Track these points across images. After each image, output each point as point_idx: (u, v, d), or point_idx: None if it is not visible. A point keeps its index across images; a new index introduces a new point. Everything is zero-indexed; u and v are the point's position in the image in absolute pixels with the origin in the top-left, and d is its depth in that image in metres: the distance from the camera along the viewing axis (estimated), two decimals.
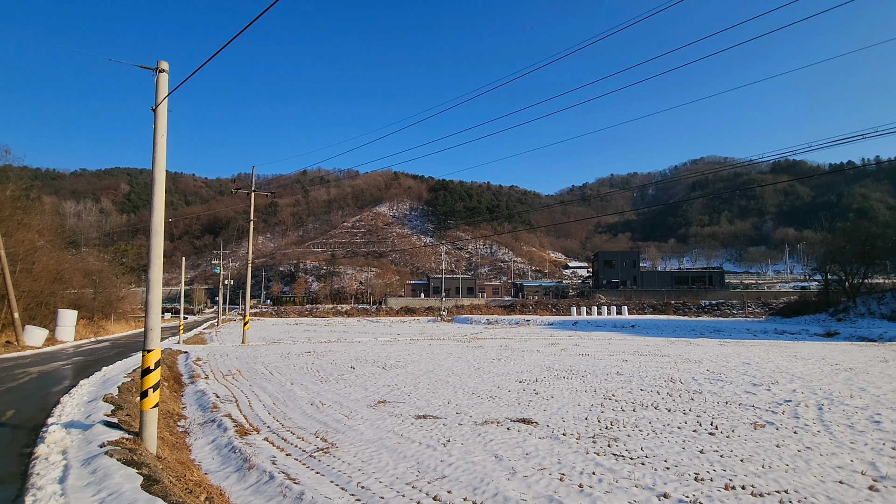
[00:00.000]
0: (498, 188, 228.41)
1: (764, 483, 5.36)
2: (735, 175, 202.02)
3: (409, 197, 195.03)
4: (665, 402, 9.74)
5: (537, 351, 20.45)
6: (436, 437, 7.27)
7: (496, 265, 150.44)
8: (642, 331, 34.90)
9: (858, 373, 13.88)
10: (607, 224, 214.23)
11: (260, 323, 52.67)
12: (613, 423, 8.10)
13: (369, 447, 6.85)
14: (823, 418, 8.41)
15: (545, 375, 13.40)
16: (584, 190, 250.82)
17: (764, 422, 8.16)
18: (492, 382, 12.24)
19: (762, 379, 12.71)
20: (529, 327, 40.66)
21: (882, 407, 9.32)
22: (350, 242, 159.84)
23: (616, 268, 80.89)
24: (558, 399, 10.11)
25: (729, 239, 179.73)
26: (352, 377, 13.26)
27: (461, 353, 19.27)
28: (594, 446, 6.77)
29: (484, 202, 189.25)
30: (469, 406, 9.47)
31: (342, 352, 20.24)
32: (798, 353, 19.55)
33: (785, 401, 9.90)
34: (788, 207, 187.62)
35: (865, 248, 50.11)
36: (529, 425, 7.95)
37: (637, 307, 61.17)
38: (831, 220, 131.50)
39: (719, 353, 19.30)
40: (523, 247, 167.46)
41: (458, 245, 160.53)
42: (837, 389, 11.17)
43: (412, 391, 11.10)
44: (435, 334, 32.09)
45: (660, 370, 14.46)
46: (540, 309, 60.46)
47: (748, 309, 59.90)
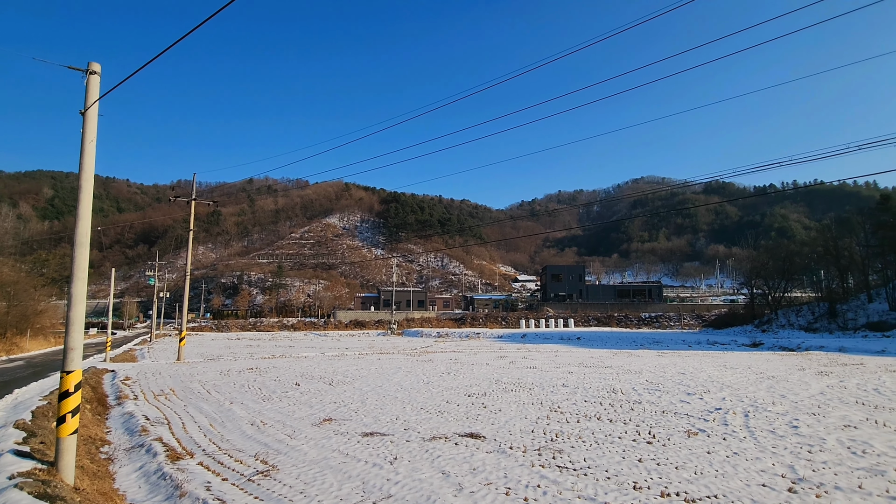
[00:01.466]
0: (450, 202, 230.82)
1: (696, 489, 5.63)
2: (672, 195, 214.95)
3: (361, 208, 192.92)
4: (607, 413, 10.07)
5: (486, 364, 20.62)
6: (382, 455, 7.12)
7: (447, 278, 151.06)
8: (587, 343, 36.05)
9: (779, 381, 14.97)
10: (555, 239, 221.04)
11: (198, 338, 49.90)
12: (558, 434, 8.26)
13: (313, 468, 6.60)
14: (749, 425, 8.98)
15: (493, 389, 13.51)
16: (534, 205, 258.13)
17: (697, 429, 8.60)
18: (441, 397, 12.18)
19: (696, 388, 13.43)
20: (479, 340, 40.97)
21: (800, 413, 10.08)
22: (298, 254, 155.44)
23: (563, 281, 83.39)
24: (506, 412, 10.21)
25: (667, 254, 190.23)
26: (296, 394, 12.79)
27: (410, 368, 19.09)
28: (540, 459, 6.87)
29: (436, 215, 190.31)
30: (417, 422, 9.37)
31: (287, 368, 19.50)
32: (727, 362, 20.84)
33: (716, 409, 10.49)
34: (719, 226, 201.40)
35: (785, 265, 54.57)
36: (477, 440, 7.96)
37: (583, 320, 63.21)
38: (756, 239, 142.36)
39: (658, 364, 20.23)
40: (474, 260, 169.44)
41: (410, 258, 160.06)
42: (761, 397, 11.98)
43: (359, 408, 10.85)
44: (385, 348, 31.65)
45: (603, 381, 14.95)
46: (490, 322, 61.16)
47: (684, 321, 63.39)
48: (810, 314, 48.61)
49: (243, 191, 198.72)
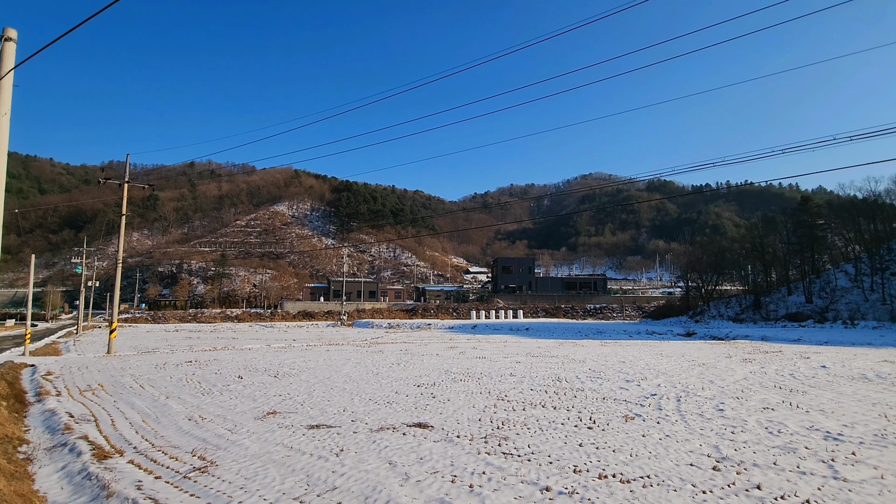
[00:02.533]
0: (403, 192, 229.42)
1: (631, 470, 5.94)
2: (618, 191, 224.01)
3: (311, 197, 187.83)
4: (552, 401, 10.40)
5: (437, 355, 20.74)
6: (328, 448, 7.01)
7: (399, 269, 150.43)
8: (535, 333, 37.08)
9: (709, 368, 16.04)
10: (507, 231, 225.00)
11: (132, 330, 46.99)
12: (505, 422, 8.45)
13: (254, 462, 6.40)
14: (681, 409, 9.56)
15: (443, 379, 13.62)
16: (486, 198, 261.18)
17: (633, 414, 9.06)
18: (390, 388, 12.14)
19: (634, 376, 14.14)
20: (430, 331, 41.15)
21: (726, 397, 10.84)
22: (243, 242, 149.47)
23: (513, 273, 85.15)
24: (454, 402, 10.32)
25: (611, 248, 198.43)
26: (239, 388, 12.33)
27: (360, 359, 18.90)
28: (486, 446, 7.00)
29: (388, 205, 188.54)
30: (365, 413, 9.29)
31: (229, 360, 18.76)
32: (664, 351, 22.08)
33: (651, 394, 11.09)
34: (660, 222, 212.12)
35: (717, 260, 58.33)
36: (425, 429, 8.00)
37: (532, 311, 64.89)
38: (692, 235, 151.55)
39: (600, 353, 21.12)
40: (427, 251, 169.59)
41: (361, 248, 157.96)
42: (692, 383, 12.79)
43: (306, 400, 10.62)
44: (334, 339, 31.13)
45: (549, 370, 15.43)
46: (441, 313, 61.56)
47: (626, 312, 66.50)
48: (738, 306, 52.35)
49: (183, 174, 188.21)
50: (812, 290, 49.23)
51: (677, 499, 5.08)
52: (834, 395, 11.04)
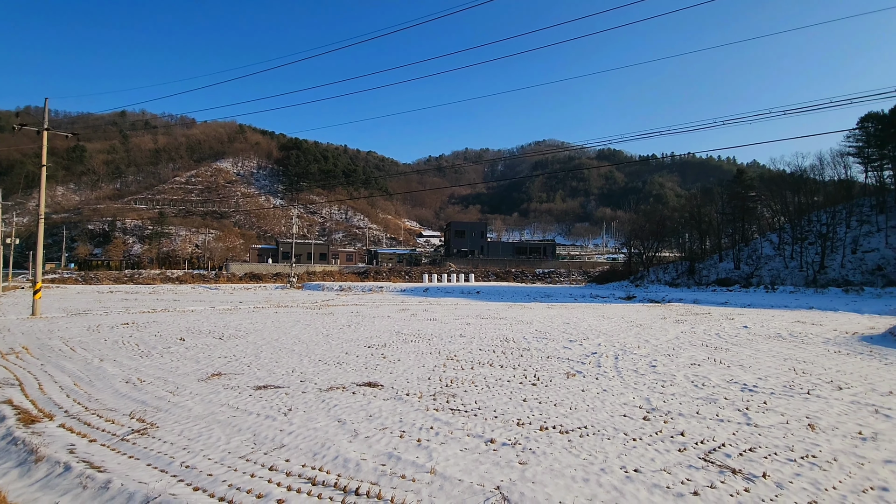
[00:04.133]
0: (356, 152, 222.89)
1: (570, 422, 6.31)
2: (569, 158, 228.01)
3: (258, 154, 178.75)
4: (499, 360, 10.77)
5: (388, 317, 20.85)
6: (276, 407, 6.96)
7: (351, 231, 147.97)
8: (486, 296, 37.94)
9: (645, 328, 17.09)
10: (460, 196, 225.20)
11: (61, 291, 43.92)
12: (453, 380, 8.69)
13: (198, 423, 6.27)
14: (618, 366, 10.18)
15: (394, 340, 13.75)
16: (440, 161, 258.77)
17: (575, 371, 9.56)
18: (340, 349, 12.13)
19: (577, 336, 14.85)
20: (382, 294, 41.15)
21: (658, 354, 11.63)
22: (184, 200, 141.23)
23: (466, 238, 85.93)
24: (405, 362, 10.47)
25: (561, 215, 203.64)
26: (181, 350, 11.91)
27: (310, 321, 18.68)
28: (434, 403, 7.19)
29: (340, 166, 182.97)
30: (315, 373, 9.26)
31: (170, 322, 18.02)
32: (605, 313, 23.27)
33: (592, 353, 11.72)
34: (608, 190, 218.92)
35: (658, 228, 61.27)
36: (375, 388, 8.10)
37: (483, 275, 66.14)
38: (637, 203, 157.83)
39: (546, 315, 21.97)
40: (379, 214, 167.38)
41: (312, 209, 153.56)
42: (630, 342, 13.61)
43: (252, 361, 10.43)
44: (283, 301, 30.51)
45: (497, 331, 15.91)
46: (393, 276, 61.56)
47: (572, 277, 69.15)
48: (675, 271, 55.69)
49: (114, 124, 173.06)
50: (740, 257, 53.04)
51: (610, 446, 5.47)
52: (752, 351, 12.10)
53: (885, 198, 52.59)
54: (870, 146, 56.35)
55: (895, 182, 54.35)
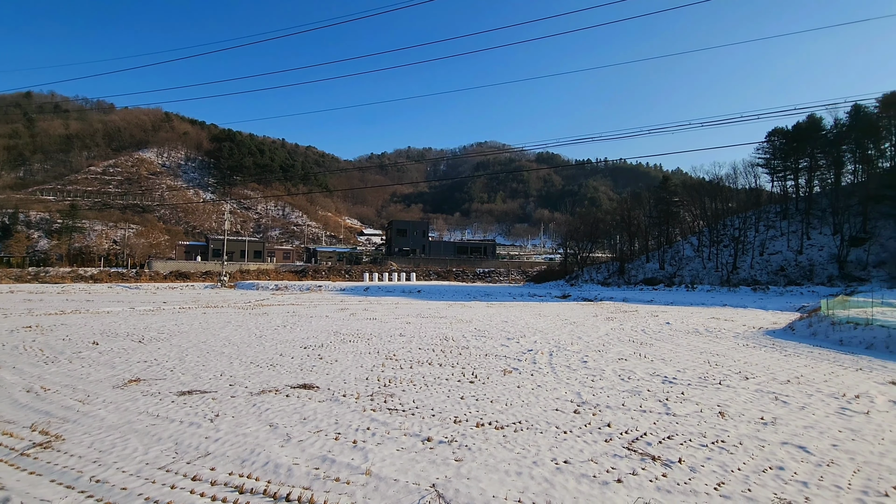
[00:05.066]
0: (294, 147, 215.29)
1: (505, 418, 6.46)
2: (510, 160, 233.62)
3: (186, 144, 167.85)
4: (438, 359, 10.82)
5: (326, 316, 20.34)
6: (202, 414, 6.57)
7: (289, 228, 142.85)
8: (427, 295, 38.01)
9: (578, 325, 17.86)
10: (402, 194, 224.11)
11: None
12: (392, 380, 8.62)
13: (112, 434, 5.79)
14: (552, 362, 10.55)
15: (332, 340, 13.43)
16: (383, 159, 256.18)
17: (511, 368, 9.80)
18: (274, 350, 11.67)
19: (514, 334, 15.24)
20: (321, 293, 40.08)
21: (590, 350, 12.19)
22: (100, 192, 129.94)
23: (408, 236, 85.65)
24: (342, 362, 10.26)
25: (502, 215, 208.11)
26: (94, 355, 10.95)
27: (242, 321, 17.83)
28: (372, 403, 7.09)
29: (277, 160, 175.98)
30: (245, 377, 8.84)
31: (82, 325, 16.51)
32: (542, 312, 24.06)
33: (528, 350, 12.07)
34: (546, 192, 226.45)
35: (592, 229, 64.21)
36: (310, 390, 7.86)
37: (424, 274, 66.22)
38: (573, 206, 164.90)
39: (486, 314, 22.37)
40: (319, 211, 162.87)
41: (246, 204, 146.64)
42: (564, 339, 14.16)
43: (177, 366, 9.78)
44: (213, 301, 28.87)
45: (437, 330, 15.98)
46: (333, 274, 60.15)
47: (512, 276, 70.87)
48: (606, 271, 58.62)
49: (17, 106, 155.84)
50: (665, 258, 56.82)
51: (543, 439, 5.65)
52: (673, 346, 12.99)
53: (787, 205, 58.37)
54: (776, 158, 62.31)
55: (797, 191, 60.48)
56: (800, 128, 58.63)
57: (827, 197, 55.81)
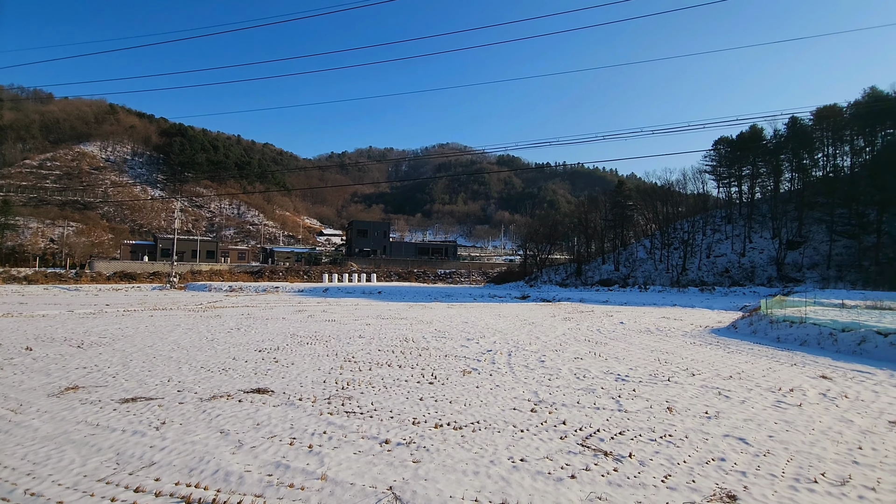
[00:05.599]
0: (250, 143, 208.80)
1: (464, 418, 6.50)
2: (471, 162, 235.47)
3: (133, 138, 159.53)
4: (398, 360, 10.76)
5: (283, 318, 19.82)
6: (146, 422, 6.25)
7: (244, 228, 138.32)
8: (387, 296, 37.72)
9: (537, 326, 18.21)
10: (363, 194, 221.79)
11: None
12: (350, 382, 8.50)
13: (46, 445, 5.41)
14: (511, 362, 10.71)
15: (288, 343, 13.10)
16: (343, 158, 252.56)
17: (471, 369, 9.87)
18: (227, 354, 11.26)
19: (474, 334, 15.36)
20: (278, 294, 39.01)
21: (547, 350, 12.45)
22: (36, 187, 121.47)
23: (369, 237, 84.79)
24: (299, 365, 10.02)
25: (463, 217, 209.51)
26: (27, 361, 10.21)
27: (192, 324, 17.10)
28: (329, 407, 6.97)
29: (232, 157, 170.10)
30: (195, 382, 8.48)
31: (13, 329, 15.37)
32: (502, 312, 24.37)
33: (488, 350, 12.20)
34: (507, 195, 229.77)
35: (551, 231, 65.61)
36: (265, 395, 7.64)
37: (385, 275, 65.69)
38: (533, 208, 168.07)
39: (446, 315, 22.44)
40: (276, 210, 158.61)
41: (198, 202, 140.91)
42: (522, 339, 14.40)
43: (120, 371, 9.27)
44: (161, 304, 27.53)
45: (397, 331, 15.89)
46: (291, 275, 58.70)
47: (472, 277, 71.40)
48: (564, 272, 60.08)
49: None
50: (620, 260, 58.83)
51: (500, 438, 5.72)
52: (626, 345, 13.47)
53: (732, 210, 61.69)
54: (721, 166, 65.82)
55: (740, 197, 64.05)
56: (743, 137, 62.19)
57: (767, 203, 59.46)
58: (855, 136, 57.58)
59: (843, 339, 13.25)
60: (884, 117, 54.23)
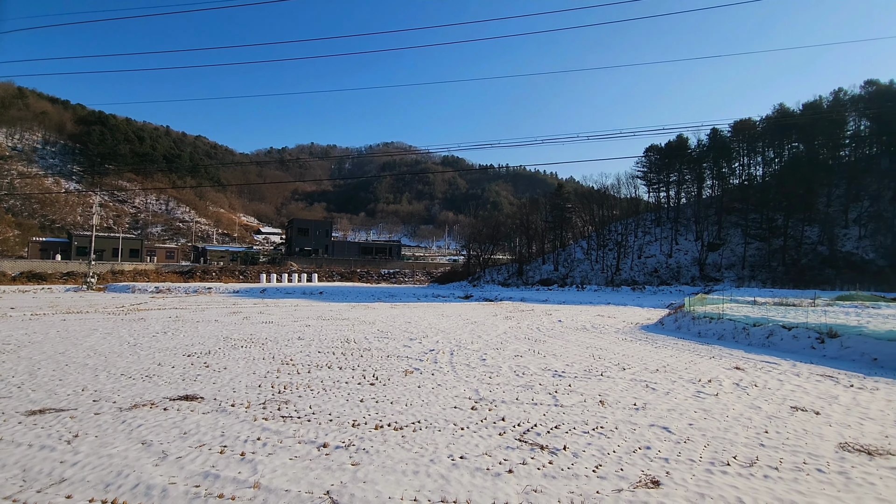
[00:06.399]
0: (181, 135, 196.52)
1: (405, 418, 6.47)
2: (416, 162, 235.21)
3: (45, 126, 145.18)
4: (339, 361, 10.53)
5: (216, 321, 18.82)
6: (56, 435, 5.71)
7: (173, 225, 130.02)
8: (329, 297, 36.83)
9: (479, 325, 18.48)
10: (304, 192, 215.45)
11: None
12: (287, 386, 8.22)
13: None
14: (453, 361, 10.80)
15: (221, 346, 12.45)
16: (284, 154, 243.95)
17: (413, 369, 9.85)
18: (151, 360, 10.53)
19: (417, 334, 15.35)
20: (211, 295, 36.98)
21: (488, 348, 12.67)
22: None
23: (310, 236, 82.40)
24: (232, 370, 9.56)
25: (408, 217, 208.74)
26: None
27: (112, 329, 15.85)
28: (264, 412, 6.70)
29: (160, 149, 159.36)
30: (114, 391, 7.86)
31: None
32: (445, 312, 24.52)
33: (430, 350, 12.23)
34: (451, 195, 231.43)
35: (494, 232, 66.82)
36: (193, 402, 7.21)
37: (327, 275, 64.13)
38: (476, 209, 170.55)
39: (389, 315, 22.26)
40: (210, 207, 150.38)
41: (121, 197, 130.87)
42: (465, 338, 14.56)
43: (26, 381, 8.42)
44: (76, 306, 25.27)
45: (339, 333, 15.56)
46: (225, 275, 55.87)
47: (416, 277, 71.30)
48: (507, 272, 61.41)
49: None
50: (559, 260, 61.00)
51: (440, 437, 5.75)
52: (563, 342, 13.98)
53: (661, 214, 65.72)
54: (651, 172, 69.98)
55: (668, 202, 68.37)
56: (671, 146, 66.47)
57: (692, 207, 63.93)
58: (766, 147, 63.32)
59: (754, 333, 14.50)
60: (790, 132, 60.06)
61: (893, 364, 10.65)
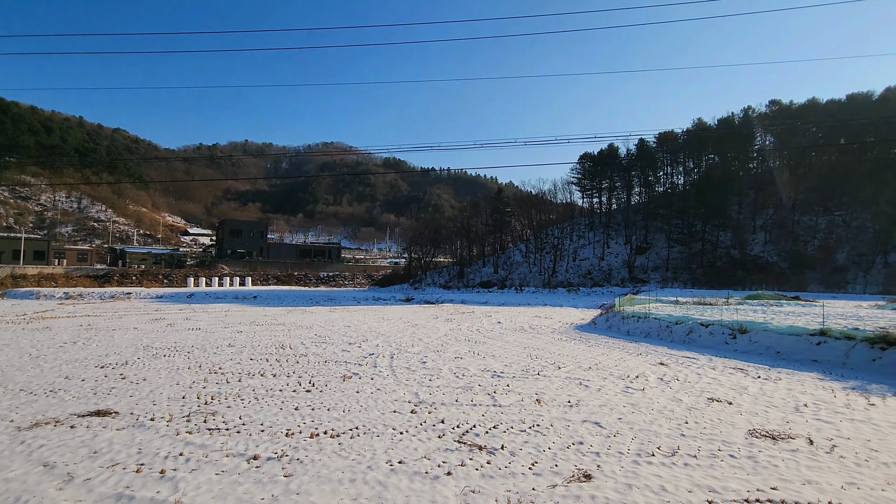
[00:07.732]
0: (97, 127, 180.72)
1: (342, 425, 6.28)
2: (357, 163, 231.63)
3: None
4: (272, 369, 10.08)
5: (135, 328, 17.42)
6: None
7: (87, 225, 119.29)
8: (264, 301, 35.28)
9: (420, 328, 18.43)
10: (238, 191, 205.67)
11: None
12: (215, 397, 7.74)
13: None
14: (393, 365, 10.67)
15: (140, 356, 11.53)
16: (214, 150, 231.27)
17: (351, 373, 9.63)
18: (57, 373, 9.54)
19: (356, 338, 15.04)
20: (130, 301, 34.21)
21: (429, 351, 12.65)
22: None
23: (243, 237, 78.66)
24: (152, 381, 8.86)
25: (348, 219, 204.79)
26: None
27: (11, 339, 14.22)
28: (188, 426, 6.25)
29: (72, 141, 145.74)
30: (12, 408, 7.03)
31: None
32: (385, 315, 24.24)
33: (370, 354, 12.01)
34: (392, 197, 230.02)
35: (435, 235, 67.14)
36: (106, 417, 6.60)
37: (262, 278, 61.44)
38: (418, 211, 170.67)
39: (328, 319, 21.67)
40: (129, 205, 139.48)
41: (23, 193, 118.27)
42: (405, 341, 14.45)
43: None
44: None
45: (273, 338, 14.92)
46: (148, 280, 51.97)
47: (356, 280, 70.04)
48: (448, 275, 61.85)
49: None
50: (499, 263, 62.29)
51: (379, 443, 5.64)
52: (503, 343, 14.25)
53: (594, 218, 68.97)
54: (585, 178, 73.29)
55: (600, 207, 71.89)
56: (603, 154, 69.99)
57: (622, 213, 67.66)
58: (687, 158, 68.38)
59: (676, 330, 15.54)
60: (707, 144, 65.26)
61: (793, 356, 11.81)
